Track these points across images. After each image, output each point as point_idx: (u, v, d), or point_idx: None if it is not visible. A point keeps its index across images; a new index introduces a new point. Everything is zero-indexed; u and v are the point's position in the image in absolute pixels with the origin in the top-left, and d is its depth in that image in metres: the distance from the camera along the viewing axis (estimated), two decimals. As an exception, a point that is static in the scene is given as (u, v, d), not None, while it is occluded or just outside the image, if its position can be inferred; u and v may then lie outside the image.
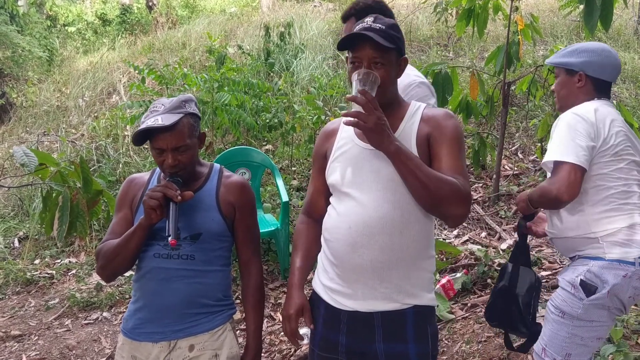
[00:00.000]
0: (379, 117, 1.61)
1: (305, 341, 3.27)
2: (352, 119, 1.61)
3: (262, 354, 3.53)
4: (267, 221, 4.74)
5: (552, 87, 2.45)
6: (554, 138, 2.18)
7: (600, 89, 2.32)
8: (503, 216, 5.09)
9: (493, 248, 4.51)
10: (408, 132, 1.80)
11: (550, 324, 2.24)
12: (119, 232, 1.98)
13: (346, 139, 1.88)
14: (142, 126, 1.88)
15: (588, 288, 2.13)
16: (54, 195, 2.26)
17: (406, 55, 1.87)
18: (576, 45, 2.38)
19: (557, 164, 2.12)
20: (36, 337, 4.05)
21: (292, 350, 3.61)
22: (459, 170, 1.74)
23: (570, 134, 2.13)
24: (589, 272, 2.14)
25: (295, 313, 1.92)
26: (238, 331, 3.53)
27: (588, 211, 2.18)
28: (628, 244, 2.14)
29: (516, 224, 2.62)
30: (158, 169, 2.09)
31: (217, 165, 2.13)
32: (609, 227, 2.16)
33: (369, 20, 1.79)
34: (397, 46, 1.77)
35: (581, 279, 2.14)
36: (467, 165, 1.87)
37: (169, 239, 1.81)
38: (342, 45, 1.80)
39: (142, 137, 1.92)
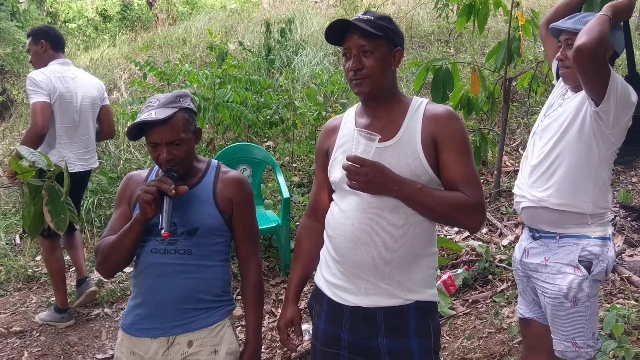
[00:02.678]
0: (366, 174, 1.67)
1: (307, 337, 3.28)
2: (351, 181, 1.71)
3: (263, 350, 3.55)
4: (269, 218, 4.74)
5: (564, 55, 2.23)
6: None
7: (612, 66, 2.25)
8: (504, 212, 5.08)
9: (494, 244, 4.51)
10: (412, 129, 1.80)
11: (565, 319, 2.22)
12: (118, 229, 1.98)
13: (348, 135, 1.88)
14: (137, 120, 1.90)
15: (585, 265, 2.17)
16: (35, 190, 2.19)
17: (405, 50, 1.87)
18: (593, 14, 2.19)
19: None
20: (38, 334, 4.05)
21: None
22: (471, 178, 1.78)
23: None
24: (584, 250, 2.18)
25: (284, 325, 2.05)
26: (239, 328, 3.54)
27: (592, 190, 2.20)
28: (605, 223, 2.24)
29: None
30: (156, 167, 2.09)
31: (214, 161, 2.13)
32: (599, 210, 2.21)
33: (359, 13, 1.82)
34: (386, 35, 1.77)
35: (579, 258, 2.18)
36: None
37: (162, 232, 1.81)
38: (333, 38, 1.83)
39: (138, 131, 1.93)
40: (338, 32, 1.81)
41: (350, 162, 1.67)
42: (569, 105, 2.24)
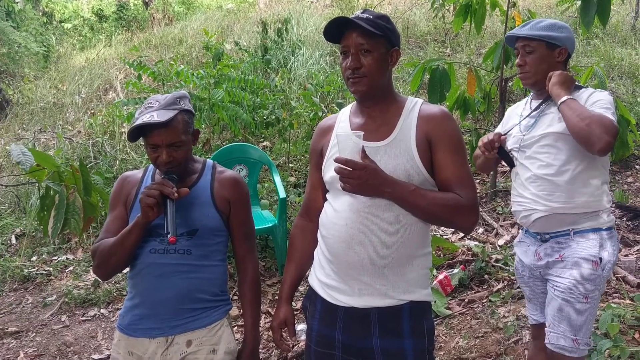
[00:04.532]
0: (359, 177, 1.65)
1: (302, 337, 3.28)
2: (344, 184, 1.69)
3: (260, 349, 3.54)
4: (265, 218, 4.74)
5: (523, 61, 2.35)
6: (604, 108, 2.17)
7: (567, 66, 2.41)
8: (500, 212, 5.10)
9: (490, 244, 4.52)
10: (407, 129, 1.80)
11: (572, 314, 2.20)
12: (114, 231, 1.98)
13: (342, 135, 1.87)
14: (138, 122, 1.88)
15: (601, 261, 2.18)
16: (51, 194, 2.26)
17: (402, 51, 1.87)
18: (548, 20, 2.36)
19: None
20: (34, 334, 4.05)
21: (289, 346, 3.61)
22: (465, 179, 1.77)
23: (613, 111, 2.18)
24: (600, 246, 2.19)
25: (277, 325, 2.04)
26: (236, 327, 3.54)
27: (601, 187, 2.24)
28: (611, 214, 2.28)
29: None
30: (151, 167, 2.09)
31: (209, 161, 2.13)
32: (607, 204, 2.25)
33: (358, 12, 1.81)
34: (385, 34, 1.77)
35: (599, 254, 2.17)
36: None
37: (168, 236, 1.81)
38: (331, 35, 1.82)
39: (137, 133, 1.92)
40: (336, 29, 1.80)
41: (341, 165, 1.66)
42: (554, 118, 2.28)
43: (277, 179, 4.84)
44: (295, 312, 2.11)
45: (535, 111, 2.38)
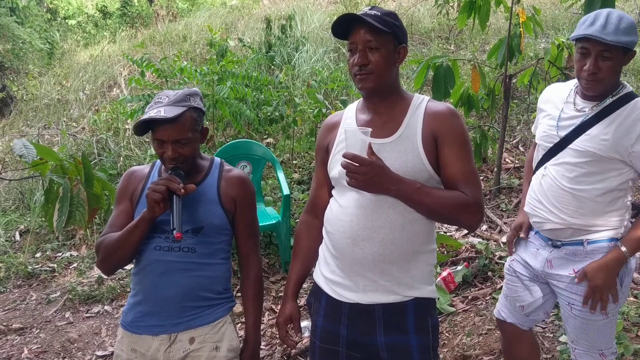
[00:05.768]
0: (365, 173, 1.64)
1: (307, 334, 3.28)
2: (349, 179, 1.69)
3: (263, 346, 3.55)
4: (269, 214, 4.74)
5: (597, 67, 2.02)
6: None
7: None
8: (504, 209, 5.08)
9: (494, 241, 4.51)
10: (413, 126, 1.80)
11: (596, 331, 2.14)
12: (119, 225, 1.98)
13: (348, 132, 1.87)
14: (145, 116, 1.89)
15: (619, 277, 2.10)
16: (55, 187, 2.26)
17: (407, 47, 1.86)
18: (625, 18, 2.00)
19: None
20: (37, 330, 4.06)
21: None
22: (470, 177, 1.77)
23: None
24: None
25: (283, 322, 2.05)
26: (238, 324, 3.54)
27: (625, 205, 2.13)
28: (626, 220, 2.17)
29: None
30: (158, 162, 2.09)
31: (217, 159, 2.13)
32: (625, 220, 2.15)
33: (366, 8, 1.81)
34: (392, 31, 1.77)
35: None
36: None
37: (174, 232, 1.81)
38: (339, 32, 1.82)
39: (144, 127, 1.92)
40: (344, 26, 1.80)
41: (348, 161, 1.66)
42: (598, 134, 2.07)
43: (281, 175, 4.84)
44: (300, 309, 2.11)
45: (580, 113, 2.13)
